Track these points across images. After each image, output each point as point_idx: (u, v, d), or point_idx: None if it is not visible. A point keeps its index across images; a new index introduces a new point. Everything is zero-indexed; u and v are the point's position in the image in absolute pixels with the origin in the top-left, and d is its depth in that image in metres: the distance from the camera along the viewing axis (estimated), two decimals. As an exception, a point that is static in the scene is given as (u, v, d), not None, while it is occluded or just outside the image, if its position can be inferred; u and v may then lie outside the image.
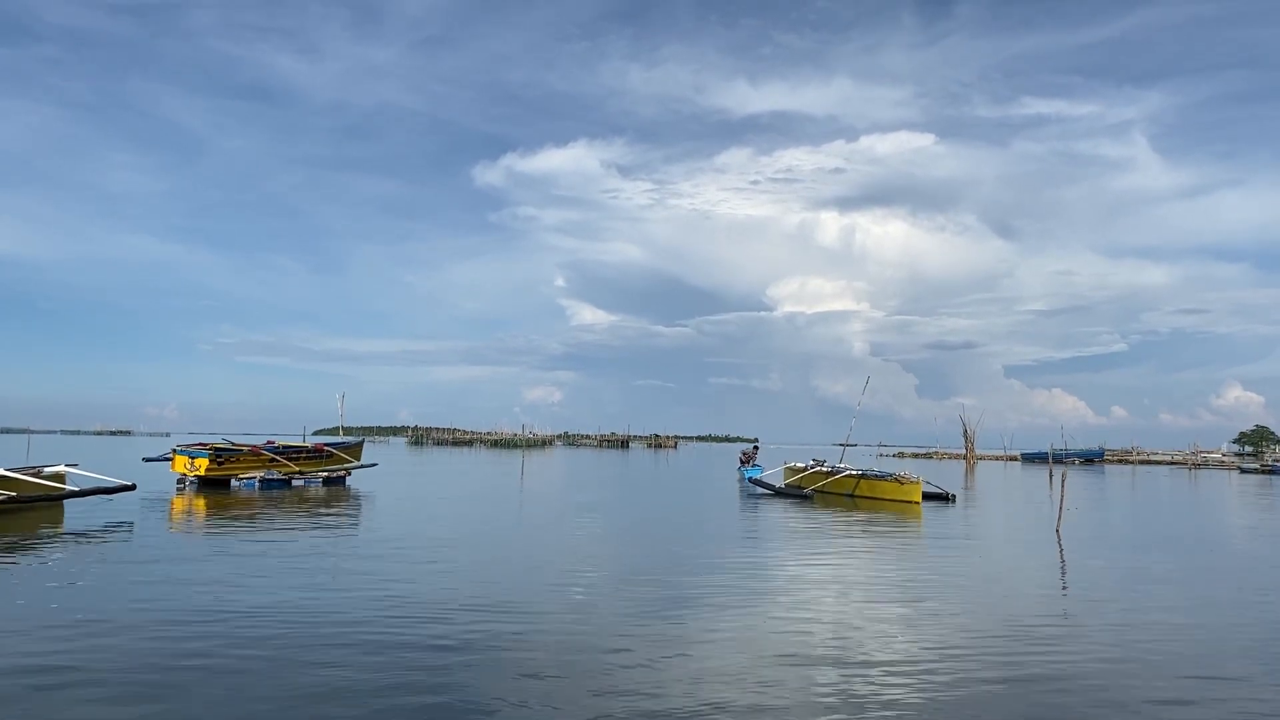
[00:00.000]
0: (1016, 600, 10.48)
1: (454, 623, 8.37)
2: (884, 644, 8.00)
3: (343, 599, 9.37)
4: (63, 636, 7.51)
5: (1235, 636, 8.69)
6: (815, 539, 16.38)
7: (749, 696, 6.32)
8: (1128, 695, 6.58)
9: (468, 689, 6.35)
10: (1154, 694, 6.65)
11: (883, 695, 6.42)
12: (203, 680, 6.38)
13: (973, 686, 6.70)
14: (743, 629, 8.48)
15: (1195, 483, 46.79)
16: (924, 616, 9.26)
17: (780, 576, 11.82)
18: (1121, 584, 11.92)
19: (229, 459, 26.15)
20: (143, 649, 7.18)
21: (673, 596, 10.01)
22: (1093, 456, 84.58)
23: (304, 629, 7.96)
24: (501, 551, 13.86)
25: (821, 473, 28.52)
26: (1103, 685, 6.81)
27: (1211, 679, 7.12)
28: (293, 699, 6.01)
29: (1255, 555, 15.74)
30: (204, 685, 6.27)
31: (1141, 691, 6.70)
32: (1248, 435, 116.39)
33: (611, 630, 8.29)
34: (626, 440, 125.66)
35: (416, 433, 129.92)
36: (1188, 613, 9.89)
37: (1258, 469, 68.79)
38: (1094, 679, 6.98)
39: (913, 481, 24.68)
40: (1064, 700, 6.42)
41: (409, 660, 7.03)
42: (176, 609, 8.66)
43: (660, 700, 6.18)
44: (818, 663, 7.30)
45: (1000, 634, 8.50)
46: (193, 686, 6.24)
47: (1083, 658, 7.66)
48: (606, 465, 55.33)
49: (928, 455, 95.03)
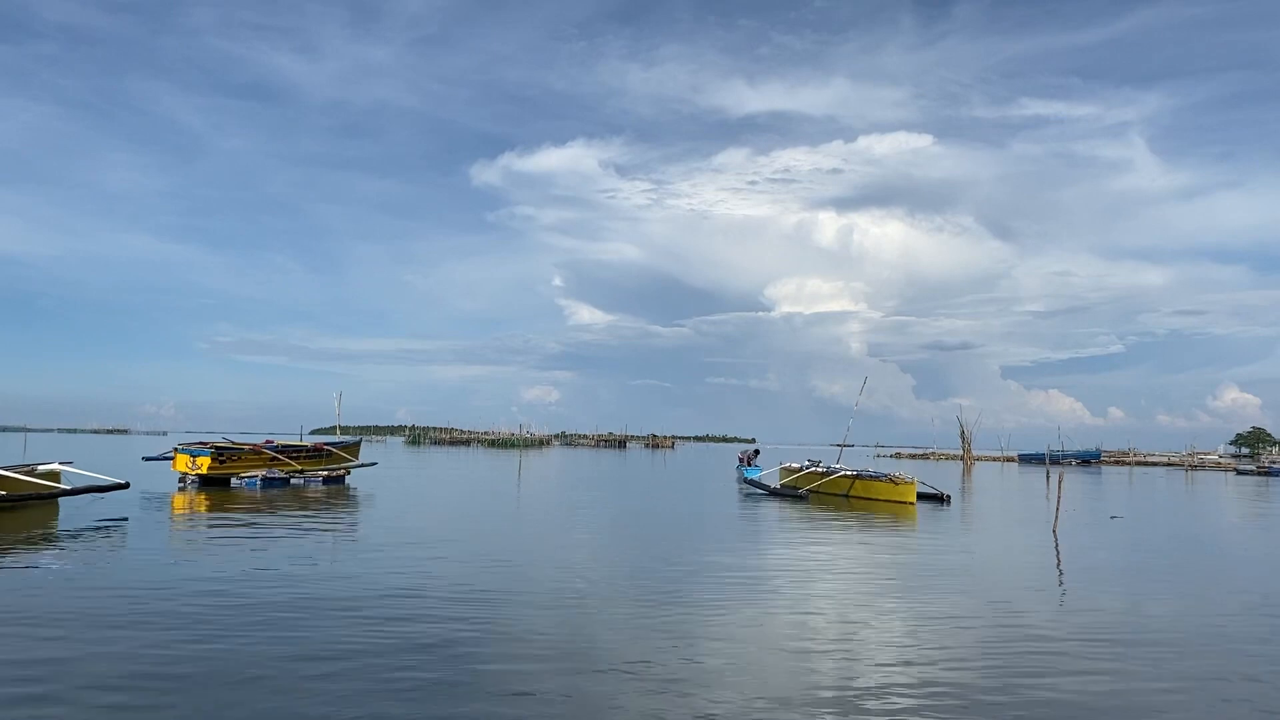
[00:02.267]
0: (1011, 597, 10.51)
1: (454, 620, 8.40)
2: (874, 642, 8.04)
3: (343, 593, 9.41)
4: (62, 634, 7.56)
5: (1232, 634, 8.72)
6: (808, 539, 16.43)
7: (744, 691, 6.37)
8: (1126, 693, 6.63)
9: (468, 684, 6.39)
10: (1152, 691, 6.70)
11: (875, 692, 6.47)
12: (204, 676, 6.41)
13: (967, 685, 6.75)
14: (736, 626, 8.52)
15: (1192, 484, 46.89)
16: (914, 615, 9.29)
17: (770, 577, 11.87)
18: (1119, 583, 11.97)
19: (231, 458, 26.18)
20: (143, 644, 7.22)
21: (668, 592, 10.05)
22: (1090, 458, 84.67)
23: (305, 623, 8.00)
24: (501, 550, 13.89)
25: (816, 473, 28.59)
26: (1100, 683, 6.86)
27: (1210, 678, 7.16)
28: (293, 693, 6.05)
29: (1252, 555, 15.81)
30: (204, 681, 6.31)
31: (1140, 689, 6.74)
32: (1244, 437, 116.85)
33: (609, 625, 8.34)
34: (624, 440, 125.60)
35: (414, 432, 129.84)
36: (1184, 611, 9.95)
37: (1254, 470, 68.92)
38: (1091, 677, 7.02)
39: (907, 482, 24.76)
40: (1061, 698, 6.47)
41: (408, 657, 7.07)
42: (177, 604, 8.69)
43: (659, 698, 6.24)
44: (811, 658, 7.35)
45: (994, 631, 8.54)
46: (195, 682, 6.28)
47: (1080, 656, 7.70)
48: (604, 465, 55.35)
49: (925, 456, 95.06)
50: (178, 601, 8.93)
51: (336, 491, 24.61)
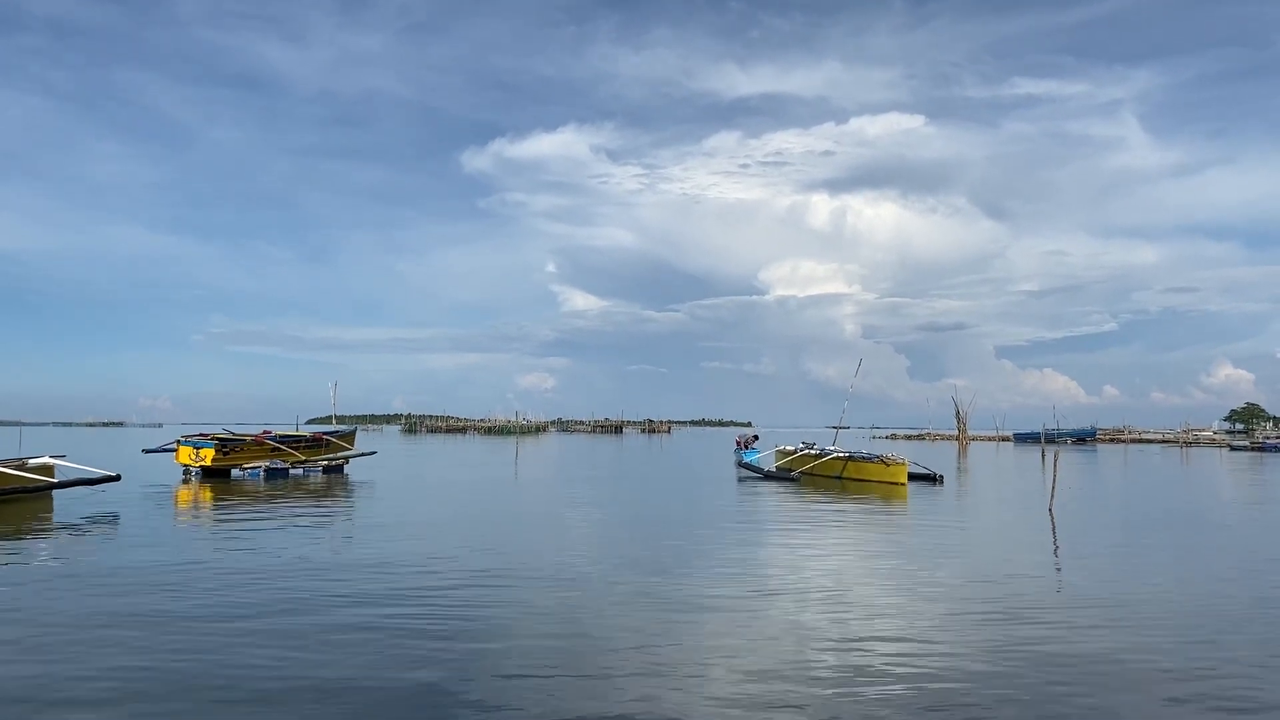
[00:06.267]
0: (1008, 578, 10.59)
1: (456, 606, 8.51)
2: (865, 621, 8.15)
3: (344, 587, 9.51)
4: (60, 633, 7.67)
5: (1228, 609, 8.84)
6: (799, 521, 16.57)
7: (739, 669, 6.47)
8: (1123, 671, 6.73)
9: (470, 672, 6.49)
10: (1151, 669, 6.80)
11: (872, 674, 6.58)
12: (221, 662, 6.53)
13: (965, 666, 6.85)
14: (730, 608, 8.62)
15: (1187, 461, 47.20)
16: (905, 594, 9.42)
17: (762, 559, 12.02)
18: (1115, 560, 12.08)
19: (234, 449, 26.32)
20: (144, 640, 7.32)
21: (665, 574, 10.15)
22: (1085, 436, 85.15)
23: (305, 616, 8.11)
24: (501, 535, 13.98)
25: (810, 455, 28.86)
26: (1097, 660, 6.97)
27: (1206, 651, 7.27)
28: (293, 679, 6.16)
29: (1247, 531, 15.99)
30: (220, 667, 6.41)
31: (1138, 667, 6.85)
32: (1239, 413, 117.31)
33: (608, 610, 8.43)
34: (620, 426, 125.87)
35: (410, 421, 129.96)
36: (1180, 588, 10.08)
37: (1248, 446, 69.37)
38: (1089, 654, 7.13)
39: (899, 463, 25.01)
40: (1058, 676, 6.57)
41: (410, 643, 7.17)
42: (179, 600, 8.80)
43: (657, 679, 6.35)
44: (803, 638, 7.47)
45: (990, 610, 8.64)
46: (208, 666, 6.38)
47: (1077, 634, 7.80)
48: (602, 451, 55.52)
49: (920, 437, 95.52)
50: (181, 590, 9.05)
51: (337, 481, 24.75)
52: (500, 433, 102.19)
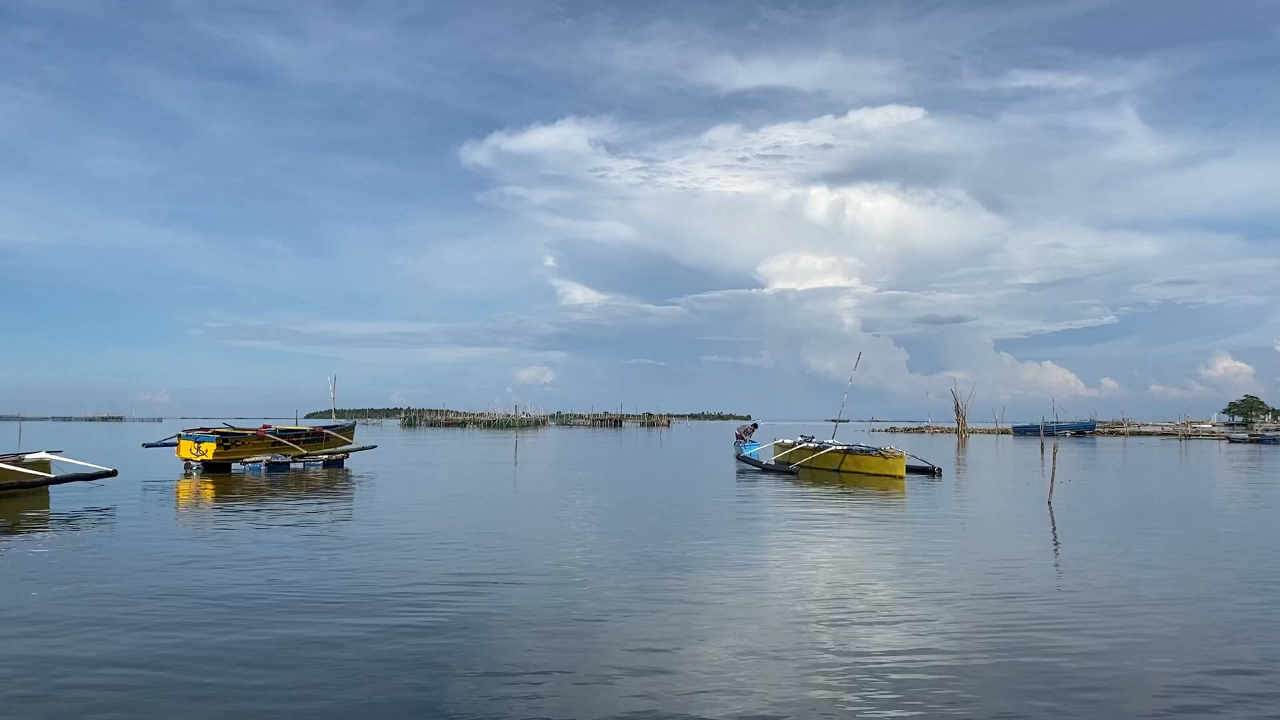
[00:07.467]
0: (1006, 572, 10.64)
1: (454, 605, 8.57)
2: (865, 612, 8.20)
3: (344, 580, 9.58)
4: (60, 624, 7.73)
5: (1226, 602, 8.90)
6: (798, 515, 16.63)
7: (739, 660, 6.53)
8: (1122, 665, 6.78)
9: (470, 672, 6.54)
10: (1150, 662, 6.85)
11: (870, 669, 6.62)
12: (208, 658, 6.58)
13: (962, 660, 6.90)
14: (730, 602, 8.68)
15: (1186, 454, 47.27)
16: (910, 590, 9.47)
17: (761, 553, 12.07)
18: (1113, 554, 12.11)
19: (235, 443, 26.39)
20: (143, 638, 7.38)
21: (666, 568, 10.22)
22: (1084, 429, 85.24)
23: (305, 615, 8.16)
24: (500, 532, 14.03)
25: (808, 448, 28.93)
26: (1096, 655, 7.00)
27: (1205, 645, 7.32)
28: (291, 676, 6.21)
29: (1245, 524, 16.02)
30: (208, 663, 6.47)
31: (1136, 660, 6.89)
32: (1237, 405, 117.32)
33: (609, 601, 8.48)
34: (620, 420, 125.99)
35: (409, 415, 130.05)
36: (1178, 581, 10.12)
37: (1247, 439, 69.43)
38: (1088, 648, 7.17)
39: (896, 456, 25.06)
40: (1057, 669, 6.62)
41: (408, 640, 7.22)
42: (178, 595, 8.86)
43: (656, 673, 6.41)
44: (802, 631, 7.53)
45: (988, 604, 8.70)
46: (203, 664, 6.44)
47: (1075, 628, 7.85)
48: (601, 445, 55.58)
49: (919, 430, 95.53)
50: (192, 590, 9.10)
51: (337, 475, 24.81)
52: (500, 427, 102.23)
